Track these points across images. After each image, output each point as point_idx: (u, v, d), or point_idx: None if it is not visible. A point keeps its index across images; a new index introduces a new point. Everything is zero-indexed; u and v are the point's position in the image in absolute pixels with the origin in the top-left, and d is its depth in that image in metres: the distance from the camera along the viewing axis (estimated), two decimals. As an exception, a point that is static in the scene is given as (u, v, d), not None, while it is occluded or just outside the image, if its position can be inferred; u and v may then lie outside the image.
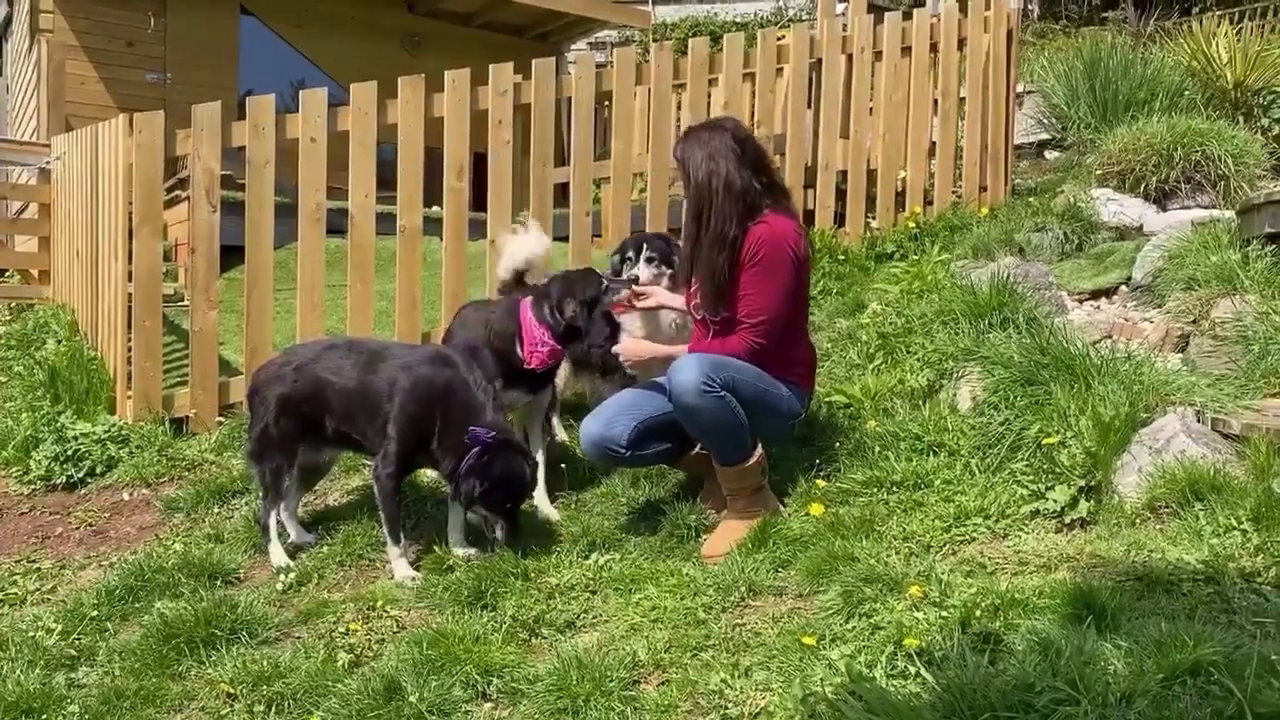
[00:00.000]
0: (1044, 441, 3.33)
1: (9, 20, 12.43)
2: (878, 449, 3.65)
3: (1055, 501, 3.15)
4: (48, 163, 7.88)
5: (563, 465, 4.05)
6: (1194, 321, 4.15)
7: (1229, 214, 4.98)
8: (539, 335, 3.80)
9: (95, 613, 3.51)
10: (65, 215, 7.02)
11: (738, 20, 16.96)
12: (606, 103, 6.93)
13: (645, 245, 4.08)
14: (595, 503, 3.91)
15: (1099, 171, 6.33)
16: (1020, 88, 7.88)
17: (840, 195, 6.45)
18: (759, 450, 3.49)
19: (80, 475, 4.71)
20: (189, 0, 10.59)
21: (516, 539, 3.52)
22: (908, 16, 6.66)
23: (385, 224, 5.40)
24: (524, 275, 4.34)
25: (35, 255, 8.15)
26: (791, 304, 3.49)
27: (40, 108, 10.02)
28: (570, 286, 3.81)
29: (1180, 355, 4.01)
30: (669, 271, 3.99)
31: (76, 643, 3.34)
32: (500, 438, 3.48)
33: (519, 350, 3.83)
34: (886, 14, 6.62)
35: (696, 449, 3.64)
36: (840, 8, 8.04)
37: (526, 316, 3.85)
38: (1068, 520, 3.11)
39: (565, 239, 5.65)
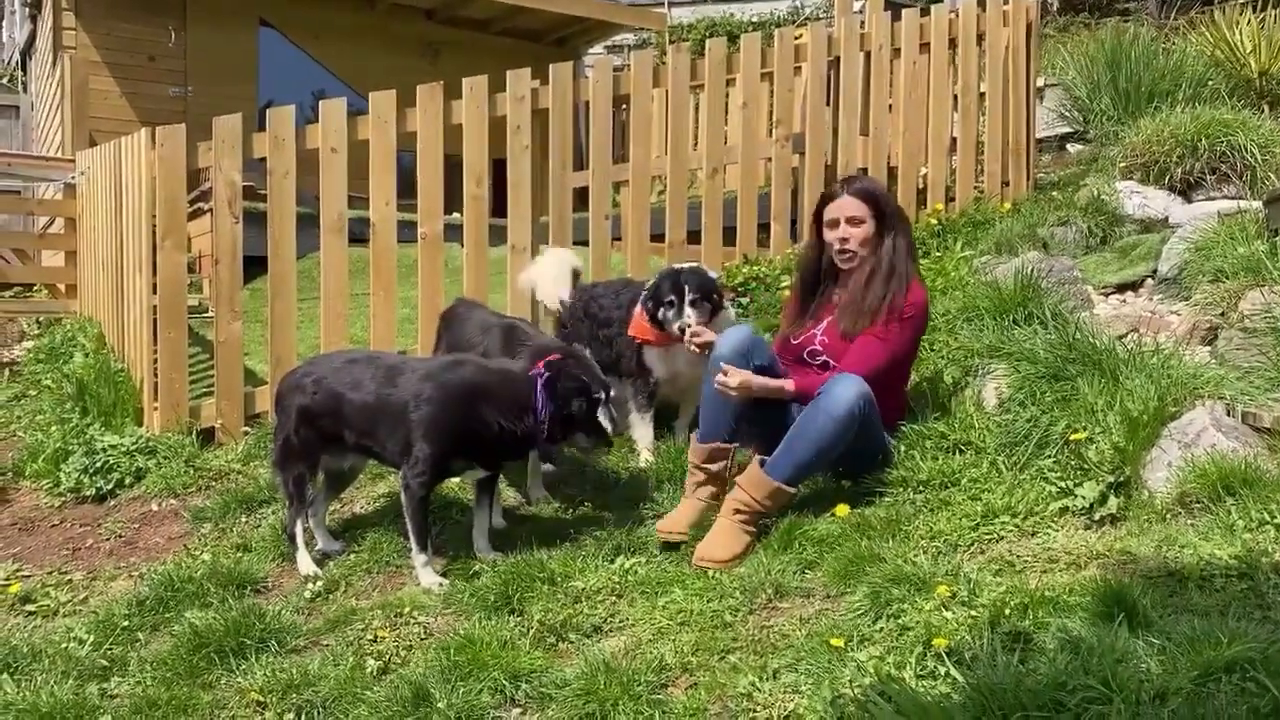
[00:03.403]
0: (1071, 438, 3.30)
1: (33, 38, 12.58)
2: (903, 448, 3.64)
3: (1084, 498, 3.12)
4: (73, 178, 7.97)
5: (585, 470, 4.05)
6: (1222, 314, 4.11)
7: (1256, 205, 4.92)
8: None
9: (126, 623, 3.54)
10: (90, 229, 7.10)
11: (754, 20, 16.92)
12: (624, 106, 6.94)
13: (687, 287, 4.02)
14: (618, 506, 3.91)
15: (1122, 164, 6.27)
16: (1041, 81, 7.82)
17: (861, 194, 6.43)
18: (798, 489, 3.50)
19: (109, 487, 4.75)
20: (209, 14, 10.68)
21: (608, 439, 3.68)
22: (925, 12, 6.63)
23: (406, 232, 5.42)
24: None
25: (62, 269, 8.24)
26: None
27: (64, 123, 10.13)
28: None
29: (1209, 348, 3.97)
30: (710, 309, 4.02)
31: (108, 653, 3.37)
32: (557, 361, 3.58)
33: None
34: (904, 10, 6.59)
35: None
36: (858, 5, 8.02)
37: None
38: (1097, 517, 3.08)
39: (585, 243, 5.66)
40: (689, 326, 3.88)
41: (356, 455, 3.89)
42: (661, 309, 4.00)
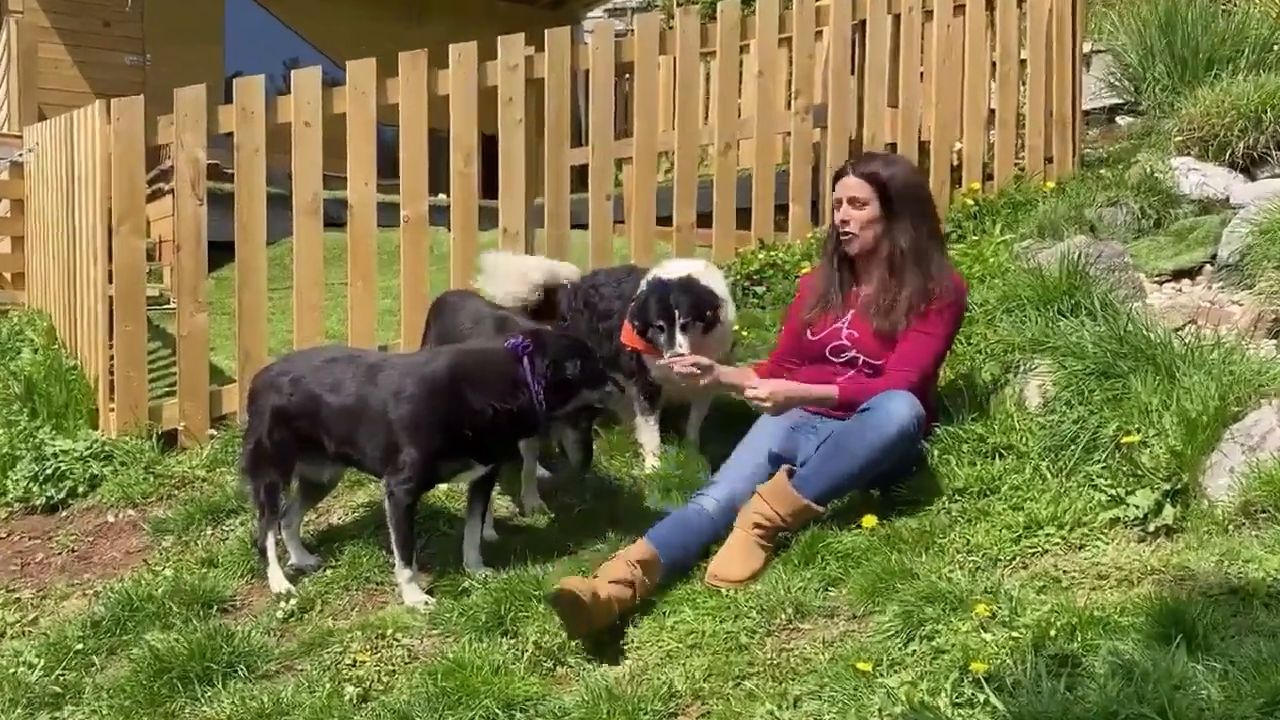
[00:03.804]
0: (1123, 441, 3.30)
1: (-25, 1, 12.59)
2: (937, 452, 3.63)
3: (1137, 507, 3.12)
4: (20, 155, 7.97)
5: (586, 477, 4.06)
6: (1289, 303, 4.10)
7: (1327, 182, 4.92)
8: None
9: (80, 646, 3.55)
10: (40, 213, 7.10)
11: (771, -20, 16.88)
12: (627, 75, 6.93)
13: (678, 311, 3.92)
14: (624, 516, 3.90)
15: (1178, 138, 6.26)
16: (1088, 47, 7.81)
17: (889, 171, 6.42)
18: (827, 508, 3.49)
19: (61, 496, 4.75)
20: (170, -25, 10.70)
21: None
22: (961, -29, 6.62)
23: (388, 215, 5.42)
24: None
25: (8, 257, 8.24)
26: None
27: (10, 95, 10.14)
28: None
29: (1275, 342, 3.97)
30: (703, 327, 3.98)
31: (61, 679, 3.39)
32: (535, 330, 3.68)
33: None
34: (937, -32, 6.57)
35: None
36: (885, -37, 7.99)
37: None
38: (1151, 528, 3.08)
39: (584, 226, 5.65)
40: (680, 357, 3.85)
41: (336, 464, 3.91)
42: (651, 329, 4.00)
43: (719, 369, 3.70)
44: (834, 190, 3.81)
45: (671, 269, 4.22)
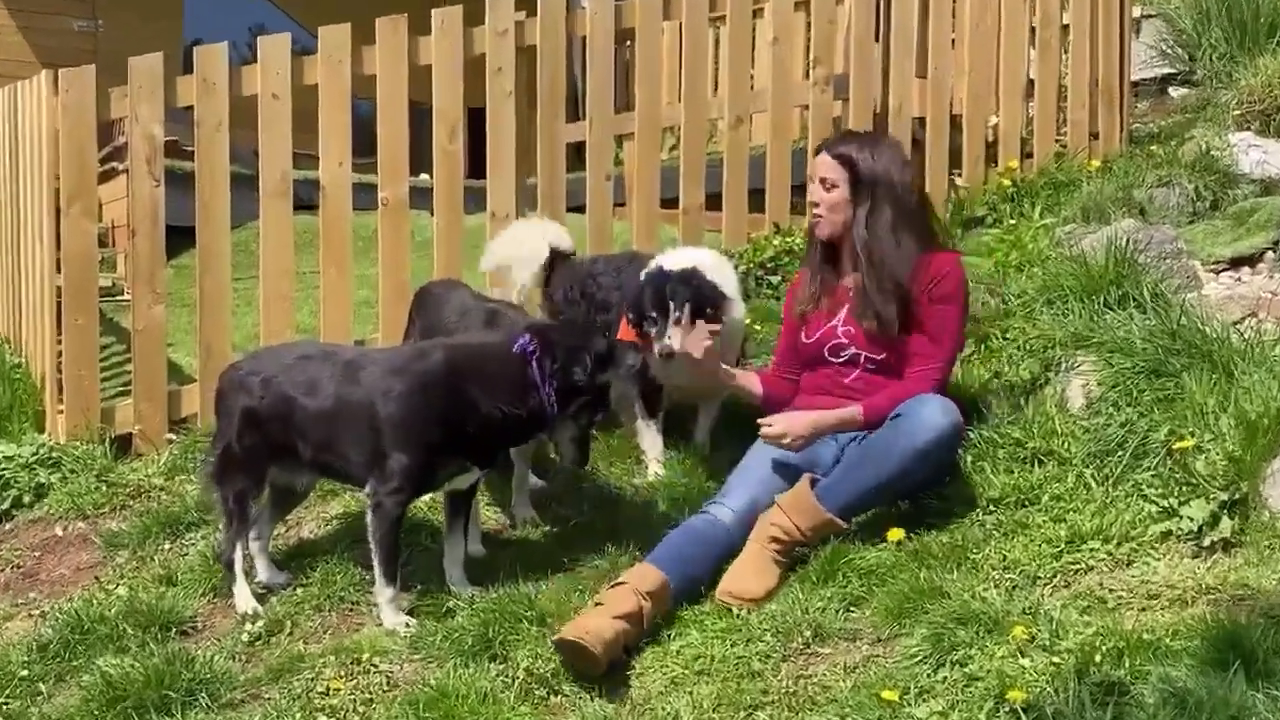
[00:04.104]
0: (1175, 446, 3.31)
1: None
2: (970, 459, 3.65)
3: (1191, 519, 3.13)
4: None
5: (582, 486, 4.06)
6: (1360, 294, 4.11)
7: (1401, 160, 4.92)
8: None
9: (25, 672, 3.56)
10: (-20, 194, 7.11)
11: (787, -63, 16.89)
12: (628, 42, 6.92)
13: (673, 302, 3.94)
14: (624, 528, 3.91)
15: (1237, 112, 6.26)
16: (1137, 11, 7.81)
17: (917, 147, 6.41)
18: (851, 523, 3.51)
19: (4, 507, 4.75)
20: (123, -68, 10.71)
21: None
22: (996, -74, 6.61)
23: (364, 196, 5.42)
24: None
25: (-54, 243, 8.26)
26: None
27: (-52, 65, 10.15)
28: None
29: (1343, 336, 3.97)
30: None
31: (5, 709, 3.40)
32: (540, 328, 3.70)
33: None
34: (970, -76, 6.56)
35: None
36: (913, -82, 7.98)
37: None
38: (1206, 542, 3.08)
39: (582, 209, 5.65)
40: (673, 352, 3.85)
41: (313, 472, 3.91)
42: (645, 322, 4.01)
43: (720, 366, 3.75)
44: None
45: (677, 258, 4.22)
